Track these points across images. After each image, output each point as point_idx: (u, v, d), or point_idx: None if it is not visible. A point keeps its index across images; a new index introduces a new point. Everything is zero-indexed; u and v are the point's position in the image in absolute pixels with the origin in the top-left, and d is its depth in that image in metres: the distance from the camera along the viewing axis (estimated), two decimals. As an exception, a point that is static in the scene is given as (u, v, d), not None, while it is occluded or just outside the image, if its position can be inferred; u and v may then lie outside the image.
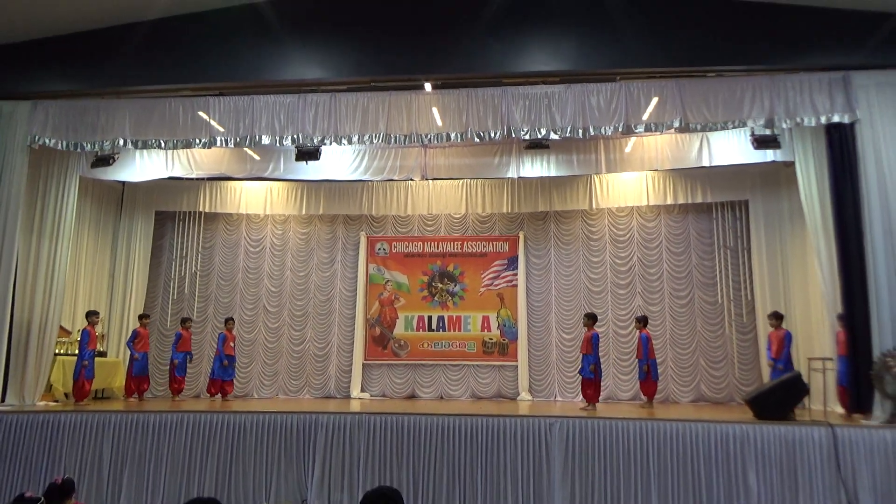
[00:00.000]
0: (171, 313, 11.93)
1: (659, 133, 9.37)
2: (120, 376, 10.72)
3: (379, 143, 8.86)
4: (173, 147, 8.89)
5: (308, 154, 9.18)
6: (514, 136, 8.42)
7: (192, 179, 11.27)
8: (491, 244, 12.07)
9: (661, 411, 9.01)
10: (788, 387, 7.73)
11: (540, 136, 8.28)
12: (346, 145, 9.01)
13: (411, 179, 11.43)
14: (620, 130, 8.22)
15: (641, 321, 10.09)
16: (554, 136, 8.28)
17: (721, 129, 8.29)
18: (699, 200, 11.15)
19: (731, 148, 9.58)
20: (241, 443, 7.45)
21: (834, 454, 6.61)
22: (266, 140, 8.56)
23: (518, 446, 7.12)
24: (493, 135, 8.33)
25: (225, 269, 12.26)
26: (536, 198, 11.68)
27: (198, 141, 8.66)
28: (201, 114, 8.65)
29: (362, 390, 11.58)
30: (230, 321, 10.96)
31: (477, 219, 12.17)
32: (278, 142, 8.59)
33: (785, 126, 8.05)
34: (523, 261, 11.84)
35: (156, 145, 8.80)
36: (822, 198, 8.19)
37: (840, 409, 8.27)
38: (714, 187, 11.03)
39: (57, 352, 9.52)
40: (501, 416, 7.37)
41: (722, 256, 11.17)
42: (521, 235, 11.95)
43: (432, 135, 8.53)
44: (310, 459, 7.36)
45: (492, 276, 11.95)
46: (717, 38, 8.08)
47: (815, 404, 8.39)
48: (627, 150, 10.14)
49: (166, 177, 10.59)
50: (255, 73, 8.55)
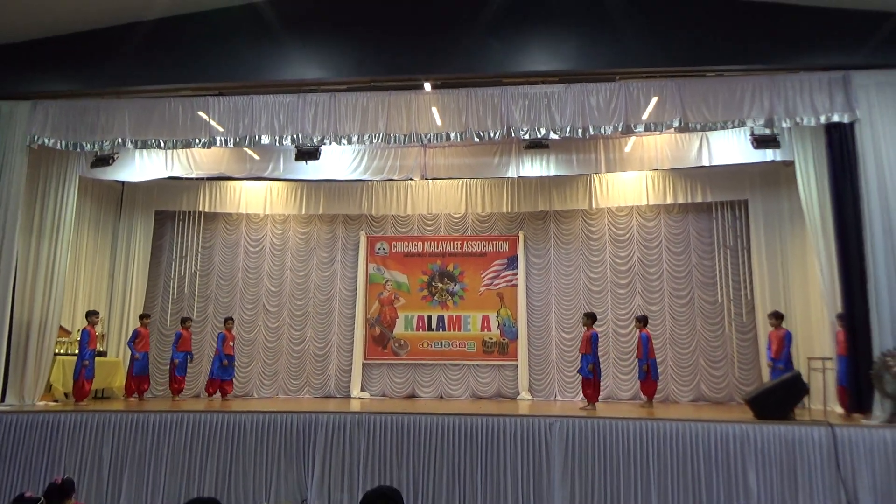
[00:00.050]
0: (171, 313, 11.93)
1: (659, 133, 9.38)
2: (120, 376, 10.72)
3: (378, 142, 8.86)
4: (173, 147, 8.89)
5: (308, 154, 9.19)
6: (513, 135, 8.41)
7: (191, 179, 11.27)
8: (491, 244, 12.07)
9: (661, 411, 9.01)
10: (788, 386, 7.73)
11: (540, 136, 8.28)
12: (345, 145, 9.01)
13: (411, 179, 11.43)
14: (620, 130, 8.22)
15: (641, 321, 10.09)
16: (554, 136, 8.28)
17: (721, 128, 8.29)
18: (699, 200, 11.16)
19: (730, 147, 9.59)
20: (241, 443, 7.45)
21: (834, 454, 6.61)
22: (266, 140, 8.56)
23: (518, 446, 7.12)
24: (492, 134, 8.33)
25: (225, 268, 12.26)
26: (536, 197, 11.68)
27: (197, 141, 8.66)
28: (201, 114, 8.65)
29: (362, 390, 11.58)
30: (229, 321, 10.96)
31: (477, 218, 12.17)
32: (278, 141, 8.59)
33: (785, 126, 8.05)
34: (523, 260, 11.84)
35: (155, 145, 8.80)
36: (821, 197, 8.19)
37: (840, 408, 8.28)
38: (714, 187, 11.03)
39: (57, 352, 9.52)
40: (501, 415, 7.37)
41: (722, 256, 11.17)
42: (520, 235, 11.95)
43: (432, 134, 8.52)
44: (310, 459, 7.36)
45: (492, 275, 11.95)
46: (717, 38, 8.07)
47: (814, 404, 8.41)
48: (627, 149, 10.14)
49: (166, 176, 10.60)
50: (254, 73, 8.55)
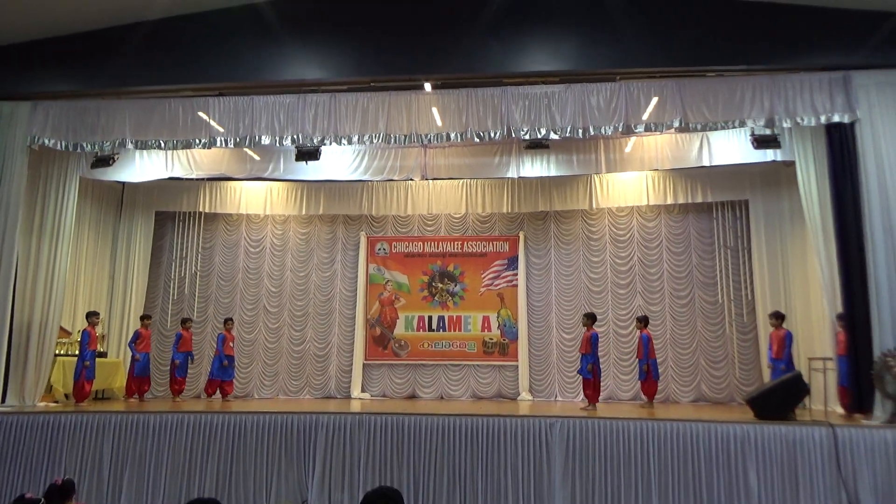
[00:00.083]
0: (172, 314, 11.93)
1: (659, 133, 9.37)
2: (120, 377, 10.72)
3: (379, 143, 8.86)
4: (173, 147, 8.90)
5: (308, 154, 9.20)
6: (514, 136, 8.42)
7: (191, 180, 11.28)
8: (491, 244, 12.06)
9: (662, 411, 9.01)
10: (789, 387, 7.72)
11: (540, 136, 8.28)
12: (345, 145, 9.01)
13: (411, 179, 11.43)
14: (620, 130, 8.22)
15: (642, 321, 10.09)
16: (554, 136, 8.28)
17: (721, 128, 8.30)
18: (699, 200, 11.15)
19: (731, 148, 9.59)
20: (241, 443, 7.45)
21: (834, 454, 6.61)
22: (266, 140, 8.56)
23: (518, 446, 7.12)
24: (493, 135, 8.33)
25: (225, 269, 12.26)
26: (536, 198, 11.68)
27: (198, 141, 8.66)
28: (201, 114, 8.65)
29: (363, 390, 11.58)
30: (229, 321, 10.95)
31: (477, 219, 12.17)
32: (278, 142, 8.59)
33: (785, 126, 8.06)
34: (523, 261, 11.83)
35: (156, 146, 8.80)
36: (822, 197, 8.19)
37: (840, 409, 8.27)
38: (714, 187, 11.02)
39: (57, 352, 9.52)
40: (502, 416, 7.37)
41: (722, 256, 11.16)
42: (521, 235, 11.94)
43: (432, 135, 8.52)
44: (310, 460, 7.36)
45: (492, 276, 11.94)
46: (717, 38, 8.07)
47: (815, 404, 8.39)
48: (627, 149, 10.14)
49: (166, 177, 10.60)
50: (255, 73, 8.55)
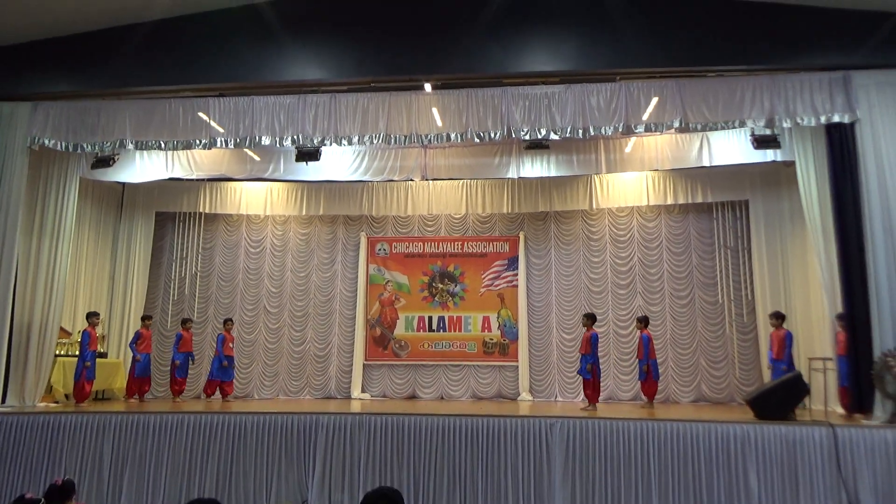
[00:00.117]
0: (172, 314, 11.93)
1: (659, 133, 9.36)
2: (120, 377, 10.72)
3: (379, 143, 8.86)
4: (173, 148, 8.90)
5: (308, 155, 9.20)
6: (514, 136, 8.42)
7: (192, 180, 11.27)
8: (491, 244, 12.06)
9: (662, 411, 9.00)
10: (789, 387, 7.72)
11: (540, 137, 8.28)
12: (346, 146, 8.99)
13: (411, 180, 11.43)
14: (620, 130, 8.22)
15: (642, 321, 10.09)
16: (554, 137, 8.27)
17: (721, 129, 8.30)
18: (699, 200, 11.15)
19: (731, 148, 9.58)
20: (241, 444, 7.45)
21: (835, 454, 6.60)
22: (266, 141, 8.56)
23: (519, 447, 7.12)
24: (493, 135, 8.33)
25: (225, 269, 12.26)
26: (536, 198, 11.68)
27: (198, 142, 8.66)
28: (201, 115, 8.65)
29: (363, 391, 11.58)
30: (229, 322, 10.95)
31: (477, 219, 12.17)
32: (278, 142, 8.59)
33: (785, 126, 8.05)
34: (523, 261, 11.83)
35: (156, 146, 8.80)
36: (822, 198, 8.18)
37: (840, 409, 8.27)
38: (714, 187, 11.03)
39: (57, 353, 9.51)
40: (502, 416, 7.37)
41: (722, 256, 11.16)
42: (521, 236, 11.94)
43: (432, 135, 8.52)
44: (310, 460, 7.36)
45: (492, 276, 11.94)
46: (717, 38, 8.07)
47: (815, 404, 8.39)
48: (627, 150, 10.14)
49: (166, 178, 10.60)
50: (255, 73, 8.55)
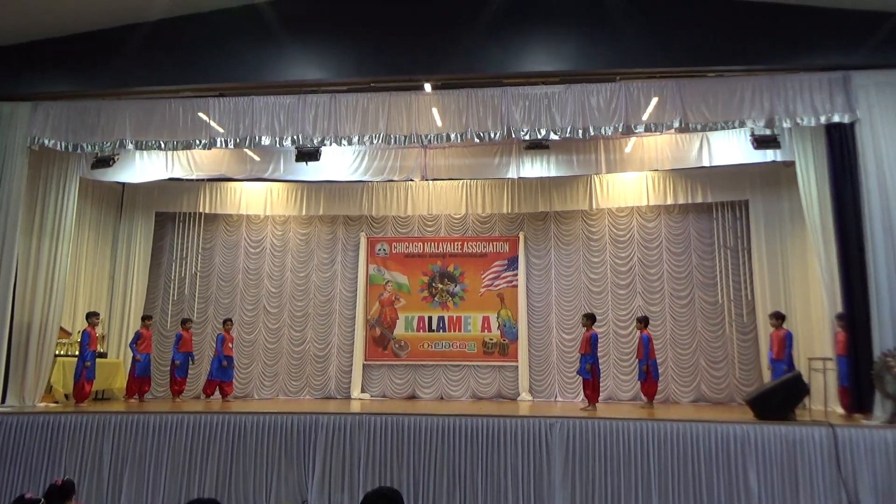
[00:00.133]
0: (172, 314, 11.93)
1: (659, 133, 9.36)
2: (120, 377, 10.72)
3: (379, 143, 8.85)
4: (173, 148, 8.90)
5: (308, 155, 9.20)
6: (513, 136, 8.41)
7: (192, 180, 11.27)
8: (491, 244, 12.06)
9: (662, 411, 9.00)
10: (789, 387, 7.72)
11: (540, 137, 8.27)
12: (346, 146, 8.99)
13: (411, 180, 11.42)
14: (620, 130, 8.22)
15: (642, 321, 10.09)
16: (554, 137, 8.27)
17: (721, 129, 8.29)
18: (699, 200, 11.15)
19: (731, 148, 9.58)
20: (241, 444, 7.45)
21: (834, 454, 6.60)
22: (266, 141, 8.56)
23: (518, 447, 7.12)
24: (493, 135, 8.32)
25: (225, 269, 12.26)
26: (536, 198, 11.68)
27: (198, 142, 8.66)
28: (201, 115, 8.64)
29: (362, 391, 11.57)
30: (228, 322, 10.95)
31: (477, 219, 12.17)
32: (278, 143, 8.59)
33: (785, 126, 8.05)
34: (523, 261, 11.83)
35: (156, 146, 8.80)
36: (822, 198, 8.18)
37: (840, 409, 8.27)
38: (714, 187, 11.03)
39: (57, 353, 9.51)
40: (502, 416, 7.37)
41: (722, 256, 11.16)
42: (521, 236, 11.94)
43: (432, 135, 8.52)
44: (310, 460, 7.36)
45: (492, 276, 11.94)
46: (717, 38, 8.07)
47: (815, 404, 8.39)
48: (627, 150, 10.14)
49: (166, 178, 10.60)
50: (255, 73, 8.55)
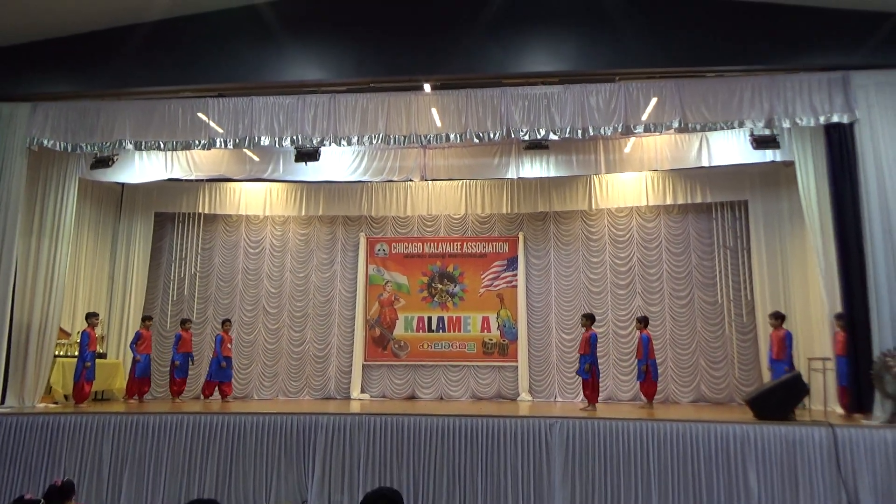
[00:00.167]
0: (171, 315, 11.93)
1: (658, 133, 9.36)
2: (120, 378, 10.72)
3: (378, 143, 8.85)
4: (173, 148, 8.89)
5: (307, 155, 9.20)
6: (513, 136, 8.41)
7: (191, 181, 11.26)
8: (490, 245, 12.06)
9: (662, 412, 9.01)
10: (789, 387, 7.72)
11: (539, 137, 8.27)
12: (345, 146, 8.98)
13: (411, 180, 11.41)
14: (620, 131, 8.22)
15: (642, 322, 10.09)
16: (553, 137, 8.27)
17: (720, 129, 8.29)
18: (699, 200, 11.16)
19: (730, 148, 9.59)
20: (241, 444, 7.45)
21: (834, 454, 6.61)
22: (265, 141, 8.56)
23: (518, 447, 7.12)
24: (492, 135, 8.32)
25: (224, 270, 12.26)
26: (536, 198, 11.68)
27: (197, 142, 8.65)
28: (201, 115, 8.64)
29: (362, 391, 11.57)
30: (227, 323, 10.95)
31: (476, 219, 12.17)
32: (278, 143, 8.59)
33: (784, 126, 8.05)
34: (523, 261, 11.83)
35: (155, 147, 8.80)
36: (821, 198, 8.19)
37: (840, 409, 8.27)
38: (714, 187, 11.03)
39: (57, 353, 9.50)
40: (501, 416, 7.37)
41: (722, 256, 11.16)
42: (520, 236, 11.94)
43: (432, 135, 8.52)
44: (310, 460, 7.36)
45: (491, 276, 11.94)
46: (716, 38, 8.08)
47: (815, 404, 8.40)
48: (627, 150, 10.14)
49: (166, 178, 10.60)
50: (254, 74, 8.55)
